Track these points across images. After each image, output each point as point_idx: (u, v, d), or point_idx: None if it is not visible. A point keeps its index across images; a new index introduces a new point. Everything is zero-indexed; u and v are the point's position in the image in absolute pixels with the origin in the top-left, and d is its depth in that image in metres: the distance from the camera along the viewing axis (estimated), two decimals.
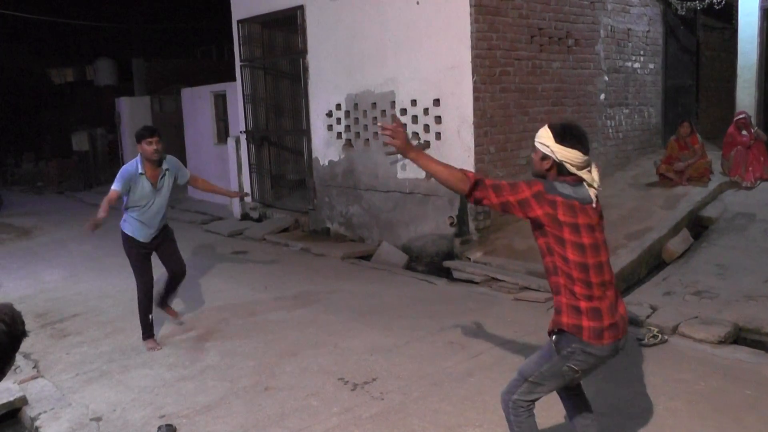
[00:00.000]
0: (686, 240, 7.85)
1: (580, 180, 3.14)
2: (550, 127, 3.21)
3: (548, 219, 3.06)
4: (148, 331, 5.87)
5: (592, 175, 3.16)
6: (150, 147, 5.50)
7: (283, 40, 11.68)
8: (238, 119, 12.19)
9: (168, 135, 17.51)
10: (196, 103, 15.06)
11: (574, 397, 3.49)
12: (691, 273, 6.93)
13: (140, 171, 5.56)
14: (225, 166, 13.00)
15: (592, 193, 3.14)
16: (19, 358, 5.64)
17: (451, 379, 4.80)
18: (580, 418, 3.46)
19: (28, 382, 5.08)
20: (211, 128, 14.66)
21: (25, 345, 5.86)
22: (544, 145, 3.16)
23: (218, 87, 14.21)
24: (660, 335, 5.36)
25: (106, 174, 19.99)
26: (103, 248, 10.32)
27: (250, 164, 11.92)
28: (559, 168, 3.15)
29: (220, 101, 14.32)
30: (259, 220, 11.65)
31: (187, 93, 15.52)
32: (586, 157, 3.14)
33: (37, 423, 4.46)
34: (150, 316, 5.87)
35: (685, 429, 3.95)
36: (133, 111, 18.41)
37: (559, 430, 3.99)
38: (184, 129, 15.64)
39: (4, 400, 4.66)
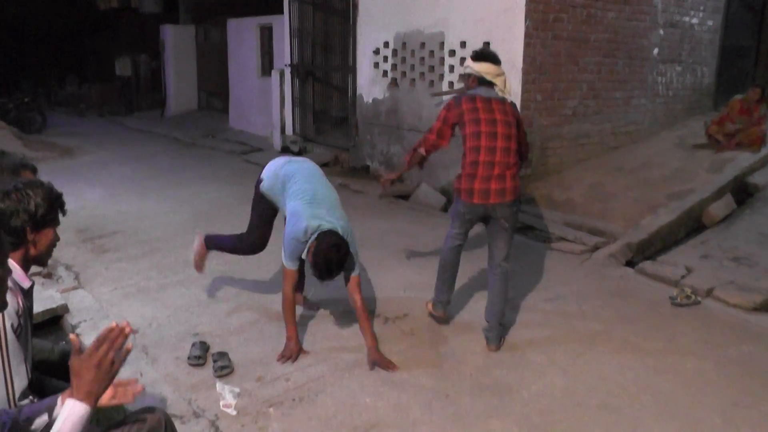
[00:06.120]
0: (729, 205, 7.67)
1: (492, 86, 4.29)
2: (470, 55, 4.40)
3: (456, 117, 4.28)
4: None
5: (505, 83, 4.31)
6: None
7: None
8: (284, 53, 12.12)
9: (212, 65, 17.63)
10: (242, 35, 14.97)
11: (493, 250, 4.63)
12: (731, 239, 6.80)
13: None
14: (268, 99, 13.00)
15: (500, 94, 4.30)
16: (60, 269, 5.81)
17: (482, 320, 4.82)
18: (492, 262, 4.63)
19: (69, 291, 5.22)
20: (256, 60, 14.58)
21: (68, 257, 6.10)
22: (467, 67, 4.36)
23: (265, 19, 14.06)
24: (693, 296, 5.29)
25: (147, 100, 20.14)
26: (142, 171, 10.54)
27: (293, 98, 11.89)
28: (480, 80, 4.30)
29: (266, 34, 14.21)
30: (299, 153, 11.66)
31: (232, 24, 15.41)
32: (497, 67, 4.30)
33: (77, 331, 4.60)
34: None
35: (713, 390, 3.94)
36: (177, 39, 18.37)
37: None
38: (228, 60, 15.60)
39: (48, 307, 4.81)
